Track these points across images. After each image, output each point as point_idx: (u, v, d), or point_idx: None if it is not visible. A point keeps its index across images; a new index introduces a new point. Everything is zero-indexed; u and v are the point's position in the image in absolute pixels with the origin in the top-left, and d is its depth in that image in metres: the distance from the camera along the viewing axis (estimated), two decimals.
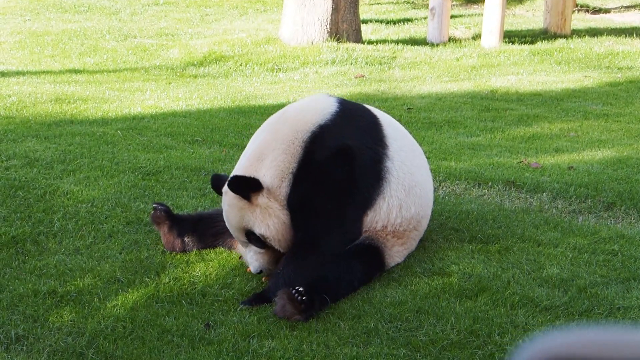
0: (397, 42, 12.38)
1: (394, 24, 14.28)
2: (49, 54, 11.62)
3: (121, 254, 4.41)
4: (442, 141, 7.18)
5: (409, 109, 8.52)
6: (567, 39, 12.77)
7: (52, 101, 8.17)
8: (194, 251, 4.45)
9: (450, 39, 12.80)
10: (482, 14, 12.90)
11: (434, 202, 5.11)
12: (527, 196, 5.55)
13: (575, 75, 10.69)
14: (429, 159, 6.34)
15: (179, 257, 4.40)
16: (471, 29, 13.75)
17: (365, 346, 3.53)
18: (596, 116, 8.37)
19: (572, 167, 6.26)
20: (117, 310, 3.81)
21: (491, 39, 12.31)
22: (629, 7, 16.97)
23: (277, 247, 4.06)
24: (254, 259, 4.11)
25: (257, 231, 4.03)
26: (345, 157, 4.13)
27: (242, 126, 7.33)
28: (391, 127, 4.39)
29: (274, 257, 4.12)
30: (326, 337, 3.59)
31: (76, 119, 7.48)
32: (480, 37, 12.63)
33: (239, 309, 3.83)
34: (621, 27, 14.29)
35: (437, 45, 12.41)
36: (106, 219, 4.82)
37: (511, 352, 3.48)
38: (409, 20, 14.77)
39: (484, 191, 5.65)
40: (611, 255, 4.47)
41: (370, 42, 12.20)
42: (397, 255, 4.26)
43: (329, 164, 4.10)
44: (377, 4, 16.72)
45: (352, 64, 11.13)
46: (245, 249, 4.19)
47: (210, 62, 11.23)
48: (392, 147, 4.27)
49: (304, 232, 4.03)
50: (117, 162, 5.83)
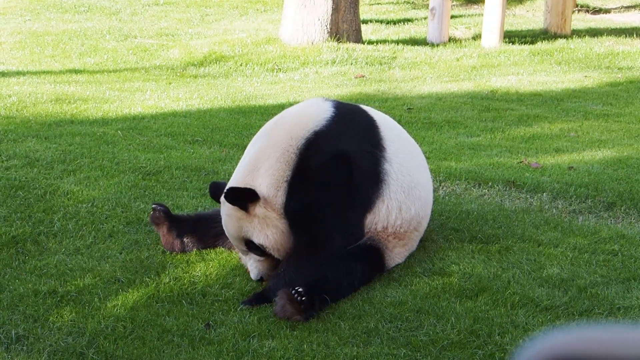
0: (397, 42, 12.38)
1: (394, 24, 14.28)
2: (49, 54, 11.62)
3: (121, 253, 4.41)
4: (442, 141, 7.18)
5: (409, 109, 8.52)
6: (567, 39, 12.77)
7: (52, 101, 8.17)
8: (194, 251, 4.45)
9: (450, 39, 12.80)
10: (482, 14, 12.90)
11: (435, 202, 5.11)
12: (528, 196, 5.55)
13: (575, 75, 10.69)
14: (429, 159, 6.34)
15: (179, 257, 4.39)
16: (471, 29, 13.74)
17: (365, 346, 3.53)
18: (596, 116, 8.37)
19: (573, 167, 6.25)
20: (117, 310, 3.81)
21: (491, 39, 12.31)
22: (629, 7, 16.97)
23: (276, 255, 4.05)
24: (253, 266, 4.10)
25: (256, 241, 4.02)
26: (341, 162, 4.09)
27: (243, 126, 7.33)
28: (388, 129, 4.35)
29: (274, 264, 4.10)
30: (326, 337, 3.59)
31: (76, 119, 7.48)
32: (480, 37, 12.63)
33: (239, 309, 3.83)
34: (621, 27, 14.28)
35: (437, 45, 12.41)
36: (106, 219, 4.82)
37: (513, 351, 3.48)
38: (409, 20, 14.77)
39: (484, 191, 5.65)
40: (611, 255, 4.47)
41: (370, 42, 12.19)
42: (398, 256, 4.26)
43: (325, 170, 4.07)
44: (377, 4, 16.72)
45: (352, 64, 11.13)
46: (245, 257, 4.18)
47: (210, 62, 11.23)
48: (390, 149, 4.24)
49: (305, 236, 4.01)
50: (117, 162, 5.83)
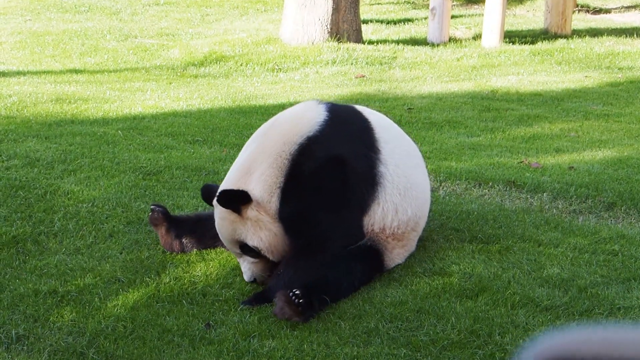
0: (397, 42, 12.38)
1: (395, 24, 14.28)
2: (50, 54, 11.63)
3: (122, 253, 4.41)
4: (443, 141, 7.18)
5: (410, 109, 8.52)
6: (568, 39, 12.77)
7: (52, 101, 8.17)
8: (194, 251, 4.44)
9: (450, 39, 12.80)
10: (483, 14, 12.90)
11: (435, 202, 5.12)
12: (528, 196, 5.55)
13: (575, 75, 10.69)
14: (430, 159, 6.34)
15: (179, 257, 4.40)
16: (472, 29, 13.75)
17: (365, 346, 3.53)
18: (597, 116, 8.37)
19: (573, 167, 6.26)
20: (117, 310, 3.81)
21: (492, 39, 12.31)
22: (629, 7, 16.97)
23: (270, 257, 4.04)
24: (247, 268, 4.09)
25: (250, 243, 4.01)
26: (334, 166, 4.07)
27: (243, 126, 7.33)
28: (384, 129, 4.32)
29: (268, 266, 4.09)
30: (327, 337, 3.59)
31: (77, 119, 7.48)
32: (480, 37, 12.64)
33: (239, 309, 3.83)
34: (622, 28, 14.29)
35: (438, 45, 12.41)
36: (107, 218, 4.82)
37: (513, 351, 3.49)
38: (409, 20, 14.77)
39: (484, 191, 5.65)
40: (612, 255, 4.47)
41: (370, 42, 12.20)
42: (397, 257, 4.25)
43: (318, 175, 4.04)
44: (378, 4, 16.72)
45: (352, 64, 11.13)
46: (239, 259, 4.17)
47: (210, 62, 11.23)
48: (385, 151, 4.21)
49: (303, 239, 4.00)
50: (117, 162, 5.83)
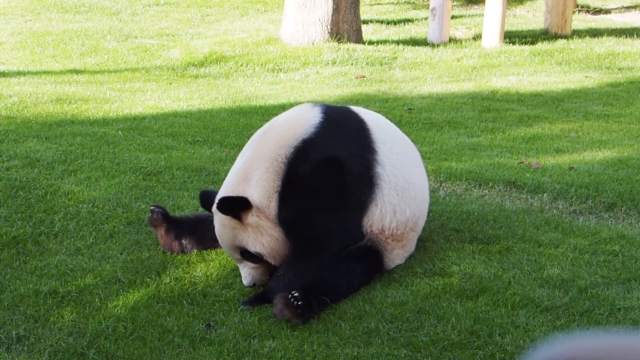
0: (397, 42, 12.38)
1: (395, 24, 14.28)
2: (50, 54, 11.63)
3: (122, 254, 4.41)
4: (443, 142, 7.18)
5: (410, 109, 8.52)
6: (568, 40, 12.77)
7: (53, 101, 8.17)
8: (195, 252, 4.44)
9: (450, 40, 12.80)
10: (483, 15, 12.90)
11: (435, 202, 5.12)
12: (528, 197, 5.55)
13: (575, 75, 10.69)
14: (430, 159, 6.35)
15: (179, 257, 4.40)
16: (472, 29, 13.75)
17: (366, 346, 3.54)
18: (597, 117, 8.37)
19: (573, 167, 6.26)
20: (118, 310, 3.82)
21: (492, 39, 12.31)
22: (629, 8, 16.97)
23: (272, 262, 4.05)
24: (247, 273, 4.08)
25: (252, 249, 4.01)
26: (331, 168, 4.06)
27: (243, 126, 7.34)
28: (380, 130, 4.30)
29: (268, 270, 4.10)
30: (327, 338, 3.59)
31: (77, 119, 7.48)
32: (480, 37, 12.64)
33: (240, 309, 3.83)
34: (622, 28, 14.29)
35: (438, 45, 12.41)
36: (107, 219, 4.82)
37: (515, 352, 3.48)
38: (409, 20, 14.77)
39: (484, 192, 5.65)
40: (612, 255, 4.47)
41: (371, 43, 12.20)
42: (397, 257, 4.25)
43: (314, 178, 4.04)
44: (378, 4, 16.72)
45: (352, 64, 11.14)
46: (239, 264, 4.17)
47: (211, 63, 11.23)
48: (382, 151, 4.20)
49: (303, 242, 4.00)
50: (118, 162, 5.84)
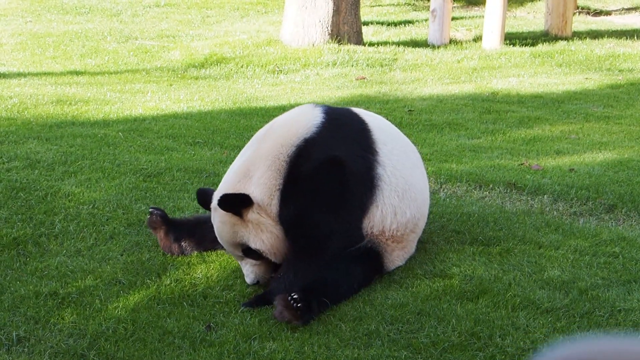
0: (398, 44, 12.38)
1: (395, 25, 14.28)
2: (50, 55, 11.63)
3: (122, 255, 4.41)
4: (443, 143, 7.18)
5: (410, 110, 8.52)
6: (568, 41, 12.77)
7: (53, 103, 8.17)
8: (195, 253, 4.44)
9: (451, 41, 12.81)
10: (483, 16, 12.91)
11: (435, 204, 5.12)
12: (528, 198, 5.55)
13: (576, 77, 10.69)
14: (430, 161, 6.35)
15: (180, 259, 4.40)
16: (472, 30, 13.76)
17: (366, 348, 3.53)
18: (597, 118, 8.37)
19: (573, 169, 6.26)
20: (118, 311, 3.81)
21: (492, 40, 12.32)
22: (629, 9, 16.98)
23: (273, 259, 4.05)
24: (250, 270, 4.09)
25: (253, 246, 4.01)
26: (332, 168, 4.07)
27: (243, 128, 7.34)
28: (381, 131, 4.31)
29: (270, 267, 4.10)
30: (327, 339, 3.59)
31: (77, 120, 7.48)
32: (481, 39, 12.64)
33: (240, 311, 3.83)
34: (622, 29, 14.29)
35: (438, 47, 12.41)
36: (107, 220, 4.82)
37: (515, 354, 3.48)
38: (410, 22, 14.78)
39: (485, 193, 5.65)
40: (612, 257, 4.47)
41: (371, 44, 12.20)
42: (397, 259, 4.25)
43: (316, 177, 4.04)
44: (378, 5, 16.73)
45: (353, 65, 11.14)
46: (241, 262, 4.17)
47: (211, 64, 11.24)
48: (383, 152, 4.20)
49: (303, 242, 4.01)
50: (118, 163, 5.83)
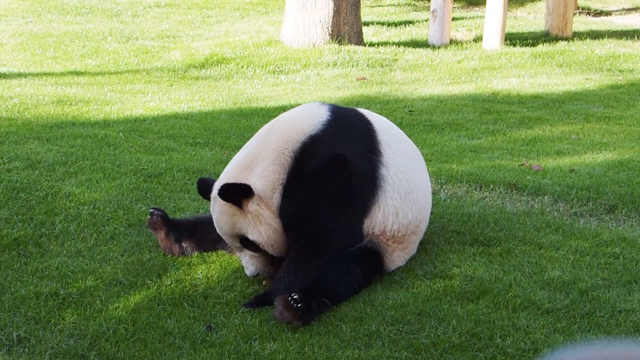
0: (398, 44, 12.39)
1: (396, 26, 14.29)
2: (51, 55, 11.63)
3: (123, 256, 4.41)
4: (444, 144, 7.18)
5: (411, 111, 8.52)
6: (569, 42, 12.77)
7: (53, 103, 8.17)
8: (196, 254, 4.44)
9: (451, 41, 12.81)
10: (484, 17, 12.91)
11: (436, 204, 5.11)
12: (529, 199, 5.55)
13: (576, 77, 10.69)
14: (431, 161, 6.35)
15: (180, 259, 4.40)
16: (472, 31, 13.76)
17: (366, 349, 3.53)
18: (597, 119, 8.37)
19: (574, 169, 6.25)
20: (118, 312, 3.82)
21: (492, 41, 12.32)
22: (630, 10, 16.98)
23: (270, 252, 4.06)
24: (249, 262, 4.10)
25: (251, 237, 4.02)
26: (337, 166, 4.08)
27: (244, 128, 7.34)
28: (385, 132, 4.32)
29: (269, 259, 4.11)
30: (328, 340, 3.59)
31: (78, 120, 7.48)
32: (481, 39, 12.64)
33: (240, 311, 3.83)
34: (622, 30, 14.29)
35: (439, 47, 12.41)
36: (108, 221, 4.82)
37: (515, 354, 3.48)
38: (410, 22, 14.78)
39: (485, 194, 5.65)
40: (613, 258, 4.47)
41: (371, 45, 12.20)
42: (398, 259, 4.25)
43: (320, 174, 4.06)
44: (379, 6, 16.73)
45: (353, 66, 11.14)
46: (240, 253, 4.18)
47: (211, 64, 11.24)
48: (387, 153, 4.22)
49: (304, 240, 4.02)
50: (118, 164, 5.84)
